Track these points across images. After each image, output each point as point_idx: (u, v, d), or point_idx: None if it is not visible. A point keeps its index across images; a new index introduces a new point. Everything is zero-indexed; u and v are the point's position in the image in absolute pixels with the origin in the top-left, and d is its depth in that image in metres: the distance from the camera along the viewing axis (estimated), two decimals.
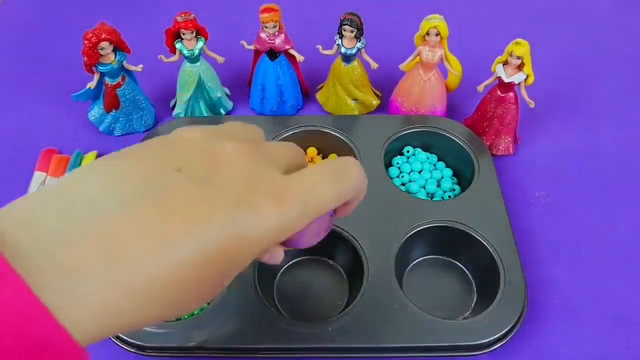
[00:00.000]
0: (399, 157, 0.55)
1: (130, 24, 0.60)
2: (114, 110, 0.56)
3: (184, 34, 0.53)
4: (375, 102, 0.60)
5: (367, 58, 0.56)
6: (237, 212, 0.21)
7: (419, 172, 0.53)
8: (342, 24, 0.53)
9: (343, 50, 0.55)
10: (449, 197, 0.51)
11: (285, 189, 0.23)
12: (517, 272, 0.43)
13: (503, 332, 0.40)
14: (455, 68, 0.55)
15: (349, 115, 0.59)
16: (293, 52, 0.56)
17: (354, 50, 0.54)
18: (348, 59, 0.56)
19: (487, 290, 0.44)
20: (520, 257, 0.44)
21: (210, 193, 0.21)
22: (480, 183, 0.50)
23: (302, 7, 0.70)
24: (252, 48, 0.57)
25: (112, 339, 0.40)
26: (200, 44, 0.55)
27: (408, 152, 0.55)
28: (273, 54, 0.56)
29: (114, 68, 0.53)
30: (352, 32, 0.53)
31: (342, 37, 0.54)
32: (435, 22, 0.52)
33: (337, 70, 0.57)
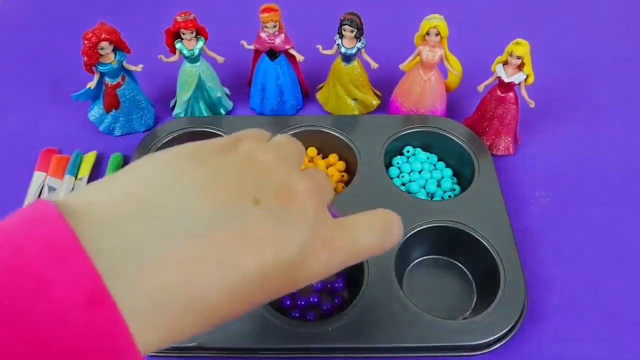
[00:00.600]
0: (399, 157, 0.55)
1: (130, 24, 0.60)
2: (114, 110, 0.56)
3: (184, 34, 0.53)
4: (375, 102, 0.60)
5: (367, 58, 0.56)
6: (296, 256, 0.23)
7: (419, 172, 0.53)
8: (342, 24, 0.53)
9: (343, 50, 0.55)
10: (449, 197, 0.51)
11: (337, 238, 0.25)
12: (517, 272, 0.43)
13: (503, 332, 0.40)
14: (455, 68, 0.55)
15: (349, 115, 0.59)
16: (293, 52, 0.56)
17: (354, 50, 0.54)
18: (348, 59, 0.56)
19: (487, 290, 0.44)
20: (520, 257, 0.44)
21: (281, 233, 0.23)
22: (480, 183, 0.50)
23: (302, 7, 0.70)
24: (252, 48, 0.57)
25: None
26: (200, 44, 0.55)
27: (408, 152, 0.55)
28: (273, 54, 0.56)
29: (114, 68, 0.53)
30: (352, 32, 0.53)
31: (342, 37, 0.54)
32: (435, 22, 0.52)
33: (337, 70, 0.57)
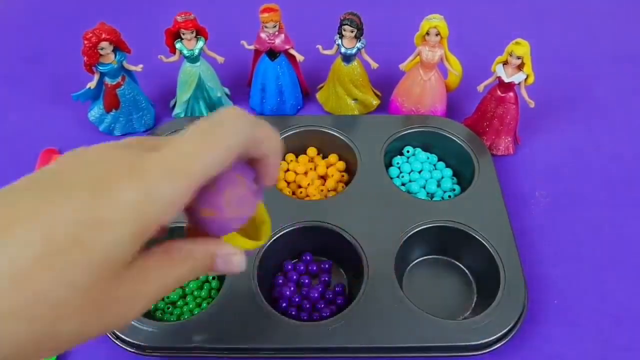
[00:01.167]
0: (399, 157, 0.55)
1: (130, 24, 0.60)
2: (114, 110, 0.56)
3: (184, 34, 0.53)
4: (375, 102, 0.60)
5: (367, 58, 0.56)
6: (88, 198, 0.20)
7: (419, 172, 0.53)
8: (342, 24, 0.53)
9: (343, 50, 0.55)
10: (449, 197, 0.51)
11: (141, 164, 0.21)
12: (517, 272, 0.43)
13: (503, 332, 0.40)
14: (455, 68, 0.55)
15: (349, 115, 0.59)
16: (293, 52, 0.56)
17: (354, 50, 0.54)
18: (348, 59, 0.56)
19: (487, 290, 0.44)
20: (520, 257, 0.44)
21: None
22: (480, 183, 0.50)
23: (302, 7, 0.70)
24: (252, 48, 0.57)
25: (111, 339, 0.40)
26: (200, 44, 0.55)
27: (408, 152, 0.55)
28: (273, 54, 0.56)
29: (114, 68, 0.53)
30: (352, 32, 0.53)
31: (342, 37, 0.54)
32: (435, 22, 0.52)
33: (337, 70, 0.57)
